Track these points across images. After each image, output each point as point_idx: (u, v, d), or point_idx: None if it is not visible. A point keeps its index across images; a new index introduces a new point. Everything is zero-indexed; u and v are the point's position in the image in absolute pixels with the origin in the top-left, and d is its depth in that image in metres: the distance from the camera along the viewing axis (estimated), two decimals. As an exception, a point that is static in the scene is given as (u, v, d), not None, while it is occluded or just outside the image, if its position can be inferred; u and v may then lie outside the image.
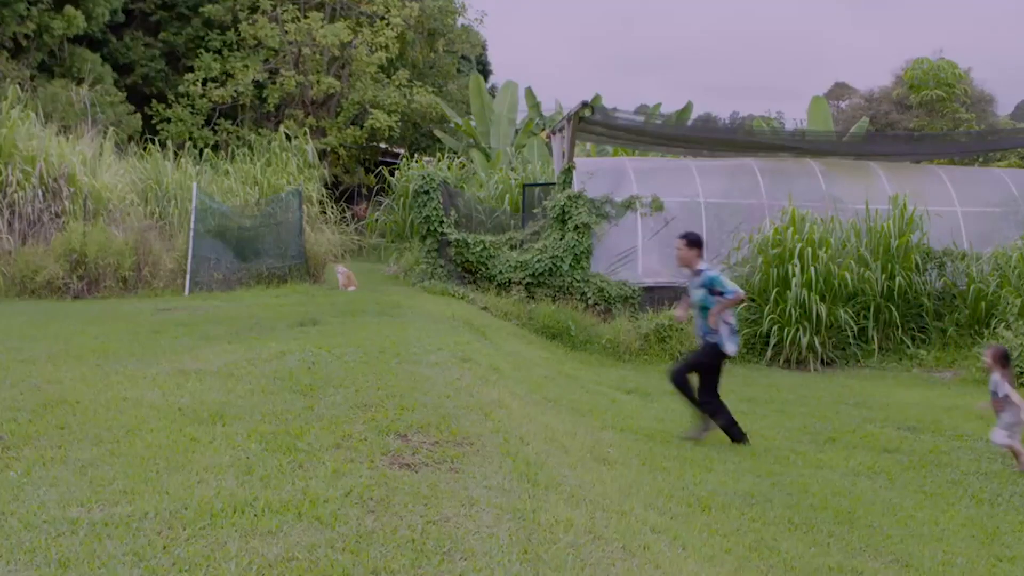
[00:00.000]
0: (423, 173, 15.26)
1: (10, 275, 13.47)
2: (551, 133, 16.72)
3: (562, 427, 6.41)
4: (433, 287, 14.03)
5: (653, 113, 26.27)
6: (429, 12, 28.35)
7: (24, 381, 6.14)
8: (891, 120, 29.88)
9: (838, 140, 18.26)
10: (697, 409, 7.31)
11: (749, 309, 12.99)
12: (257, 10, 25.75)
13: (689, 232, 7.42)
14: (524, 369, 9.17)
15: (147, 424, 4.95)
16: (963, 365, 11.51)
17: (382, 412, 5.15)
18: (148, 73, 26.53)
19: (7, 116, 14.93)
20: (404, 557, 3.04)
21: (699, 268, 7.17)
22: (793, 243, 12.70)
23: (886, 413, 8.69)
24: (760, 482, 6.00)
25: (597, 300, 13.78)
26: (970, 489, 6.03)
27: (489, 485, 3.96)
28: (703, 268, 7.18)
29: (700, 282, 7.13)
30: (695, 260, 7.20)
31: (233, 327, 9.41)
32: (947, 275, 13.06)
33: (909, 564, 4.61)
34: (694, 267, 7.21)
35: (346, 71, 26.75)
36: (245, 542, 3.12)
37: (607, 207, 14.49)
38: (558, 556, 3.28)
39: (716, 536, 4.65)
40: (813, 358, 12.17)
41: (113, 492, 3.70)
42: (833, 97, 41.20)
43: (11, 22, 21.44)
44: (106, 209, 15.06)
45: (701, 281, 7.12)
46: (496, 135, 26.32)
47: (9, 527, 3.26)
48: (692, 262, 7.21)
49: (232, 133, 25.61)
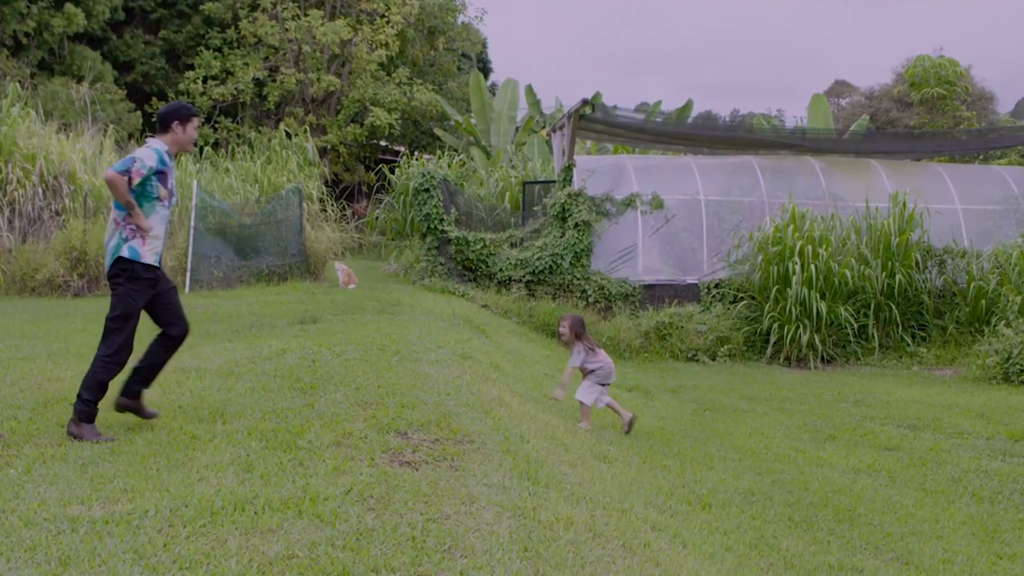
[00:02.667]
0: (423, 171, 15.25)
1: (10, 273, 13.47)
2: (551, 131, 16.71)
3: (562, 425, 6.42)
4: (433, 285, 14.03)
5: (653, 111, 26.24)
6: (429, 10, 28.33)
7: (25, 379, 6.14)
8: (891, 118, 29.88)
9: (838, 138, 18.25)
10: None
11: (749, 307, 13.00)
12: (257, 8, 25.73)
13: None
14: (524, 367, 9.16)
15: (147, 422, 4.95)
16: (963, 363, 11.51)
17: (382, 410, 5.15)
18: (148, 71, 26.52)
19: (7, 114, 14.93)
20: (404, 555, 3.04)
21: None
22: (793, 241, 12.70)
23: (886, 411, 8.69)
24: (760, 480, 6.01)
25: (597, 298, 13.78)
26: (970, 487, 6.03)
27: (489, 483, 3.96)
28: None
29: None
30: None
31: (233, 325, 9.41)
32: (947, 273, 13.05)
33: (909, 561, 4.62)
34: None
35: (346, 69, 26.74)
36: (245, 540, 3.13)
37: (607, 205, 14.48)
38: (558, 554, 3.28)
39: (716, 534, 4.66)
40: (813, 356, 12.17)
41: (113, 490, 3.70)
42: (833, 95, 41.17)
43: (11, 20, 21.44)
44: (106, 207, 15.04)
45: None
46: (496, 133, 26.31)
47: (9, 525, 3.26)
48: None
49: (232, 131, 25.60)
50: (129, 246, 4.64)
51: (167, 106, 4.97)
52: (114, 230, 4.70)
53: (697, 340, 12.60)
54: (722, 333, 12.62)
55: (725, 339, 12.57)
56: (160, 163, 4.70)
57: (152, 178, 4.69)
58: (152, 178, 4.69)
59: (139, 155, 4.66)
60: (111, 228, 4.73)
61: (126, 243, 4.64)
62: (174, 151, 4.86)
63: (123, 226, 4.66)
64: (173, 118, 4.82)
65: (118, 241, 4.67)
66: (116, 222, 4.70)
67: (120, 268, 4.66)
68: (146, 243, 4.68)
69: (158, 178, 4.71)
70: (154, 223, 4.73)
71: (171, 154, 4.83)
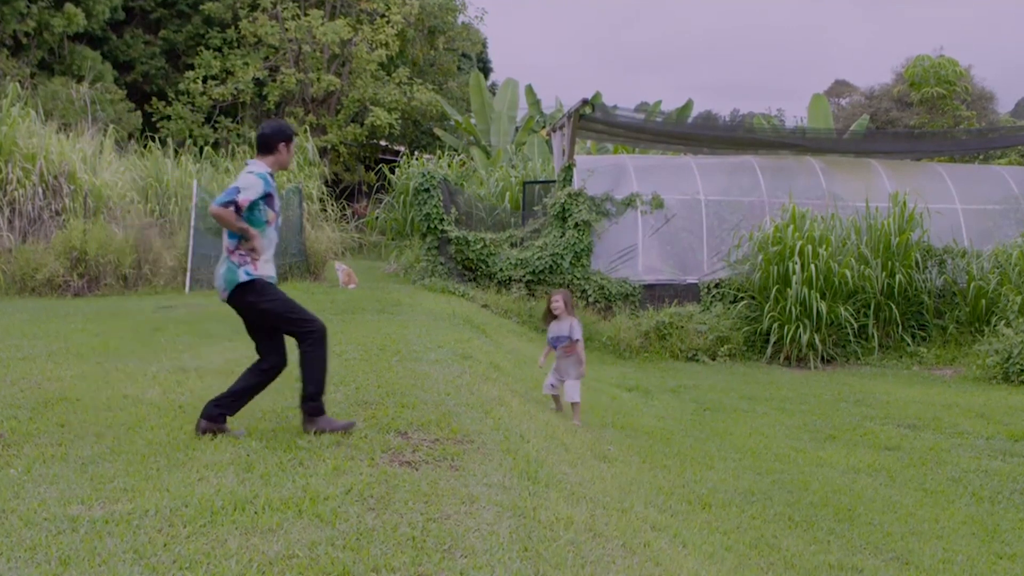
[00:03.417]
0: (423, 171, 15.25)
1: (10, 273, 13.47)
2: (551, 131, 16.71)
3: (562, 425, 6.42)
4: (433, 285, 14.03)
5: (653, 111, 26.24)
6: (429, 9, 28.32)
7: (24, 379, 6.14)
8: (891, 118, 29.87)
9: (838, 138, 18.26)
10: None
11: (749, 307, 13.00)
12: (257, 8, 25.72)
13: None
14: (524, 367, 9.16)
15: (147, 421, 4.96)
16: (963, 363, 11.51)
17: (382, 410, 5.15)
18: (148, 71, 26.51)
19: (7, 114, 14.92)
20: (404, 554, 3.04)
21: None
22: (793, 241, 12.70)
23: (886, 411, 8.69)
24: (760, 480, 6.01)
25: (597, 298, 13.79)
26: (970, 487, 6.03)
27: (489, 483, 3.95)
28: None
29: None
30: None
31: (233, 325, 9.36)
32: (947, 273, 13.05)
33: (909, 561, 4.61)
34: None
35: (346, 69, 26.74)
36: (245, 539, 3.13)
37: (607, 205, 14.49)
38: (558, 553, 3.28)
39: (716, 533, 4.66)
40: (813, 356, 12.17)
41: (113, 489, 3.71)
42: (833, 95, 41.13)
43: (11, 20, 21.44)
44: (106, 207, 15.06)
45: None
46: (496, 133, 26.30)
47: (10, 524, 3.26)
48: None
49: (232, 131, 25.60)
50: (244, 270, 4.58)
51: (271, 127, 4.82)
52: (225, 258, 4.64)
53: (697, 340, 12.60)
54: (722, 333, 12.62)
55: (725, 339, 12.57)
56: (266, 187, 4.61)
57: (260, 203, 4.60)
58: (260, 203, 4.60)
59: (242, 184, 4.56)
60: (222, 257, 4.67)
61: (240, 268, 4.59)
62: (275, 171, 4.78)
63: (235, 253, 4.60)
64: (279, 139, 4.73)
65: (230, 267, 4.60)
66: (228, 250, 4.62)
67: (245, 291, 4.61)
68: (258, 267, 4.62)
69: (265, 202, 4.63)
70: (266, 246, 4.66)
71: (273, 175, 4.76)
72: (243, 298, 4.63)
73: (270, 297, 4.65)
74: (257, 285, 4.61)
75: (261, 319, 4.70)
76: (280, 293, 4.72)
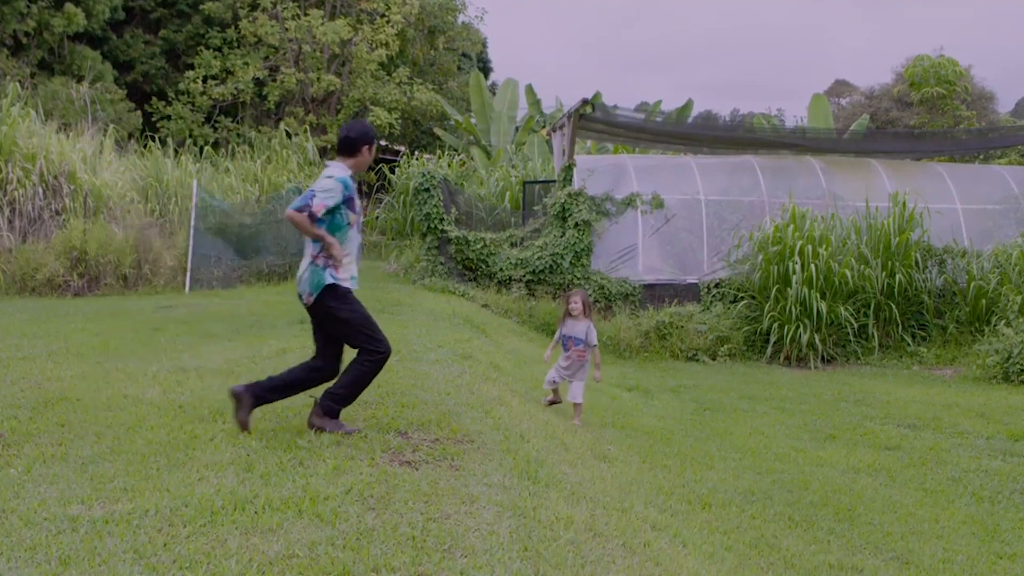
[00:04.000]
0: (423, 171, 15.24)
1: (10, 273, 13.47)
2: (551, 131, 16.71)
3: (562, 424, 6.42)
4: (433, 285, 14.03)
5: (653, 111, 26.23)
6: (429, 9, 28.32)
7: (24, 378, 6.14)
8: (891, 117, 29.87)
9: (838, 137, 18.25)
10: None
11: (749, 307, 13.00)
12: (257, 7, 25.72)
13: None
14: (524, 367, 9.17)
15: (147, 421, 4.95)
16: (963, 363, 11.51)
17: (382, 409, 5.16)
18: (148, 71, 26.51)
19: (7, 114, 14.92)
20: (404, 554, 3.04)
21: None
22: (793, 240, 12.70)
23: (886, 410, 8.69)
24: (760, 479, 6.01)
25: (597, 297, 13.78)
26: (970, 486, 6.03)
27: (489, 482, 3.96)
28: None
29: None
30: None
31: (234, 324, 9.43)
32: (947, 272, 13.04)
33: (909, 561, 4.61)
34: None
35: (346, 68, 26.74)
36: (245, 539, 3.13)
37: (607, 204, 14.49)
38: (558, 553, 3.28)
39: (716, 533, 4.66)
40: (813, 356, 12.17)
41: (114, 489, 3.70)
42: (833, 94, 41.14)
43: (11, 20, 21.44)
44: (106, 207, 15.06)
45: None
46: (496, 133, 26.29)
47: (10, 524, 3.26)
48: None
49: (232, 131, 25.60)
50: (329, 272, 4.57)
51: (356, 130, 4.75)
52: (308, 263, 4.61)
53: (697, 340, 12.60)
54: (722, 333, 12.62)
55: (725, 339, 12.57)
56: (346, 191, 4.57)
57: (340, 207, 4.56)
58: (340, 207, 4.56)
59: (320, 188, 4.51)
60: (305, 262, 4.64)
61: (325, 271, 4.57)
62: (355, 173, 4.74)
63: (319, 257, 4.58)
64: (363, 143, 4.70)
65: (315, 271, 4.57)
66: (312, 255, 4.60)
67: (327, 295, 4.58)
68: (340, 271, 4.59)
69: (347, 205, 4.59)
70: (348, 249, 4.64)
71: (354, 177, 4.72)
72: (324, 302, 4.61)
73: (350, 307, 4.63)
74: (340, 291, 4.60)
75: (334, 326, 4.67)
76: (360, 306, 4.70)
